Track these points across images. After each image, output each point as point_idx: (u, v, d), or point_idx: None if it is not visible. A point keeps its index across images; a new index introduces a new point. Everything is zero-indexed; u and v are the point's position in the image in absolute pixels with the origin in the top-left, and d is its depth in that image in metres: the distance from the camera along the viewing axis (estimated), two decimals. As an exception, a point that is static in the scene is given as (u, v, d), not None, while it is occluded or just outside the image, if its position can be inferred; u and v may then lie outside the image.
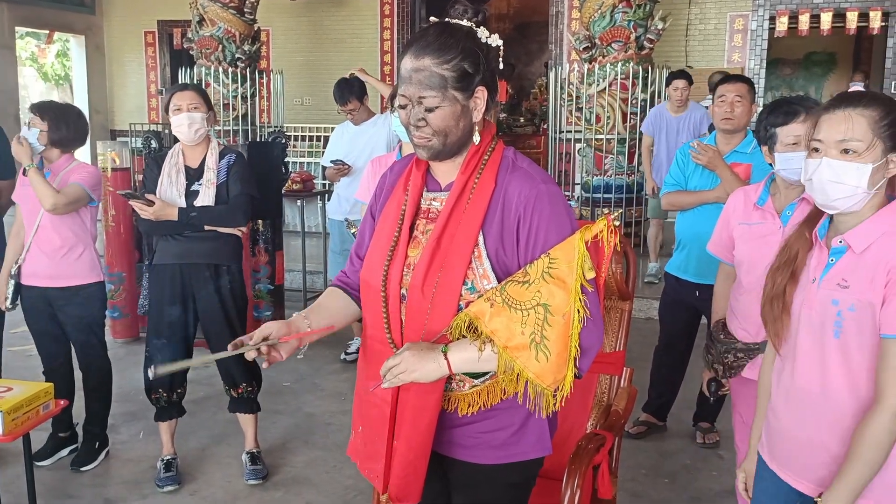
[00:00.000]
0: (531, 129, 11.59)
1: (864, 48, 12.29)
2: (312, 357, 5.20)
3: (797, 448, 1.76)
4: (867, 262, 1.61)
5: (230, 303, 3.33)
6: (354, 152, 4.93)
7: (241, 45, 9.05)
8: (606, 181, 7.60)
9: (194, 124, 3.20)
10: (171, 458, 3.47)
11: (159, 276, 3.30)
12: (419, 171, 1.73)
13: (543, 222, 1.59)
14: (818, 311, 1.67)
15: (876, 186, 1.62)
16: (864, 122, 1.60)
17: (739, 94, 3.46)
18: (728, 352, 2.58)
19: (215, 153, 3.28)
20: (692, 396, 3.93)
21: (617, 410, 2.43)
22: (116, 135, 12.62)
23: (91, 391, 3.61)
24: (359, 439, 1.80)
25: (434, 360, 1.57)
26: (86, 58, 12.91)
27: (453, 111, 1.60)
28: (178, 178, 3.24)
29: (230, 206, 3.24)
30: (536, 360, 1.52)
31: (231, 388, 3.44)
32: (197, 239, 3.25)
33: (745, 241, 2.58)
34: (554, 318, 1.52)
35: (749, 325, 2.53)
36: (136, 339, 5.54)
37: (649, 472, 3.54)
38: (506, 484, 1.77)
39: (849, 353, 1.63)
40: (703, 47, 9.80)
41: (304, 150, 10.58)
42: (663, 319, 3.92)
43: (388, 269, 1.68)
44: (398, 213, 1.72)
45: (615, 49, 7.43)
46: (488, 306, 1.55)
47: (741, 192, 2.69)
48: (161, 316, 3.30)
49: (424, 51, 1.58)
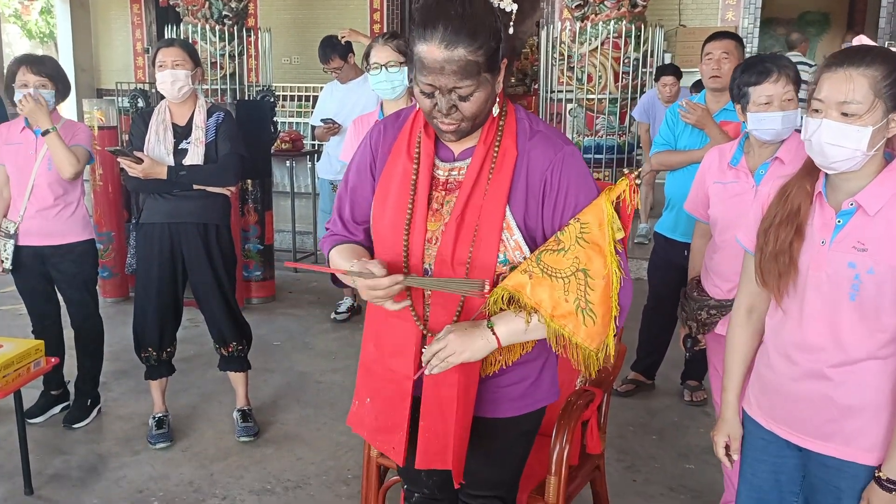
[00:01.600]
0: (522, 89, 11.51)
1: (858, 8, 12.20)
2: (303, 316, 5.22)
3: (797, 403, 1.72)
4: (883, 224, 1.58)
5: (219, 262, 3.32)
6: (344, 111, 4.89)
7: (228, 2, 8.90)
8: (597, 142, 7.56)
9: (177, 82, 3.15)
10: (163, 416, 3.48)
11: (147, 235, 3.27)
12: (429, 138, 1.65)
13: (573, 186, 1.59)
14: (830, 273, 1.63)
15: (875, 147, 1.58)
16: (865, 82, 1.54)
17: (726, 50, 3.44)
18: (701, 308, 2.63)
19: (203, 111, 3.24)
20: (680, 355, 3.95)
21: (605, 367, 2.45)
22: (103, 93, 12.47)
23: (83, 349, 3.61)
24: (365, 410, 1.77)
25: (481, 336, 1.57)
26: (70, 15, 12.71)
27: (485, 94, 1.53)
28: (165, 135, 3.20)
29: (220, 166, 3.21)
30: (584, 324, 1.54)
31: (221, 346, 3.44)
32: (185, 198, 3.21)
33: (720, 200, 2.60)
34: (594, 281, 1.53)
35: (722, 283, 2.58)
36: (126, 298, 5.53)
37: (637, 430, 3.59)
38: (520, 432, 1.82)
39: (866, 314, 1.61)
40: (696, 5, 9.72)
41: (293, 110, 10.48)
42: (652, 279, 3.93)
43: (408, 243, 1.64)
44: (407, 182, 1.65)
45: (608, 7, 7.34)
46: (527, 278, 1.54)
47: (716, 151, 2.71)
48: (149, 275, 3.28)
49: (457, 39, 1.45)
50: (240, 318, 3.46)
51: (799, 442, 1.74)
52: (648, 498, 3.03)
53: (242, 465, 3.24)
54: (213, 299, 3.35)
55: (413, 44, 1.51)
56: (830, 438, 1.68)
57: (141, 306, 3.34)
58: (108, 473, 3.17)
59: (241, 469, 3.21)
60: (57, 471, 3.18)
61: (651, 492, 3.07)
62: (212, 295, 3.33)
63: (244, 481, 3.12)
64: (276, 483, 3.11)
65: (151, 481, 3.11)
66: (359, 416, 1.80)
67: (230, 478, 3.14)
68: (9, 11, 17.11)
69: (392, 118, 1.76)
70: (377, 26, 11.17)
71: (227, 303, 3.37)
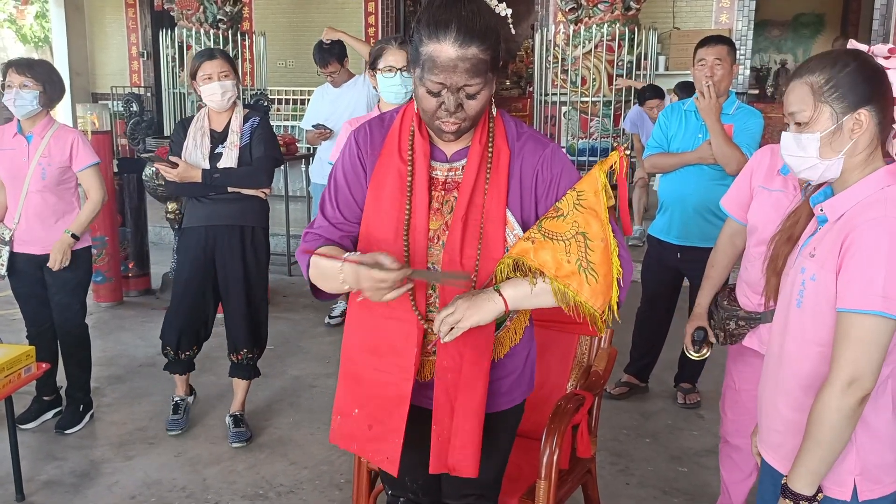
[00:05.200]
0: (517, 91, 11.53)
1: (852, 9, 12.23)
2: (297, 320, 5.22)
3: (762, 414, 1.72)
4: (834, 233, 1.53)
5: (252, 264, 3.40)
6: (335, 115, 4.90)
7: (223, 6, 8.92)
8: (592, 144, 7.58)
9: (227, 92, 3.26)
10: (180, 400, 3.61)
11: (187, 239, 3.40)
12: (424, 139, 1.68)
13: (564, 177, 1.68)
14: (791, 278, 1.63)
15: (840, 153, 1.53)
16: (806, 89, 1.54)
17: (719, 56, 3.44)
18: (730, 318, 2.53)
19: (240, 116, 3.34)
20: (673, 358, 3.97)
21: (597, 371, 2.45)
22: (98, 97, 12.47)
23: (70, 357, 3.59)
24: (352, 422, 1.77)
25: (489, 299, 1.60)
26: (65, 19, 12.67)
27: (488, 93, 1.59)
28: (202, 140, 3.31)
29: (253, 168, 3.30)
30: (587, 283, 1.58)
31: (232, 352, 3.49)
32: (223, 201, 3.31)
33: (760, 207, 2.45)
34: (593, 242, 1.59)
35: (753, 295, 2.47)
36: (120, 303, 5.53)
37: (631, 433, 3.59)
38: (505, 427, 1.85)
39: (805, 323, 1.58)
40: (690, 8, 9.73)
41: (288, 114, 10.48)
42: (645, 281, 3.94)
43: (408, 243, 1.66)
44: (403, 183, 1.67)
45: (601, 10, 7.36)
46: (530, 244, 1.60)
47: (768, 150, 2.49)
48: (187, 280, 3.39)
49: (470, 38, 1.50)
50: (259, 325, 3.49)
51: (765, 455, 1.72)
52: (641, 501, 3.03)
53: (235, 471, 3.23)
54: (236, 302, 3.41)
55: (420, 44, 1.55)
56: (777, 451, 1.67)
57: (172, 308, 3.46)
58: (101, 479, 3.16)
59: (234, 474, 3.20)
60: (49, 477, 3.17)
61: (644, 495, 3.07)
62: (236, 298, 3.39)
63: (237, 486, 3.11)
64: (269, 488, 3.10)
65: (144, 487, 3.10)
66: (344, 430, 1.79)
67: (223, 483, 3.14)
68: (3, 16, 17.09)
69: (376, 121, 1.76)
70: (372, 30, 11.18)
71: (250, 308, 3.42)
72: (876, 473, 1.57)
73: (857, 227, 1.47)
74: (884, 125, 1.55)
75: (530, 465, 2.21)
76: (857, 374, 1.46)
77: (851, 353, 1.46)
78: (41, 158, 3.32)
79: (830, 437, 1.49)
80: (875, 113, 1.52)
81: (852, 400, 1.46)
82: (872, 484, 1.57)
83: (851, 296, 1.46)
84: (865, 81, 1.52)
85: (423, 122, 1.65)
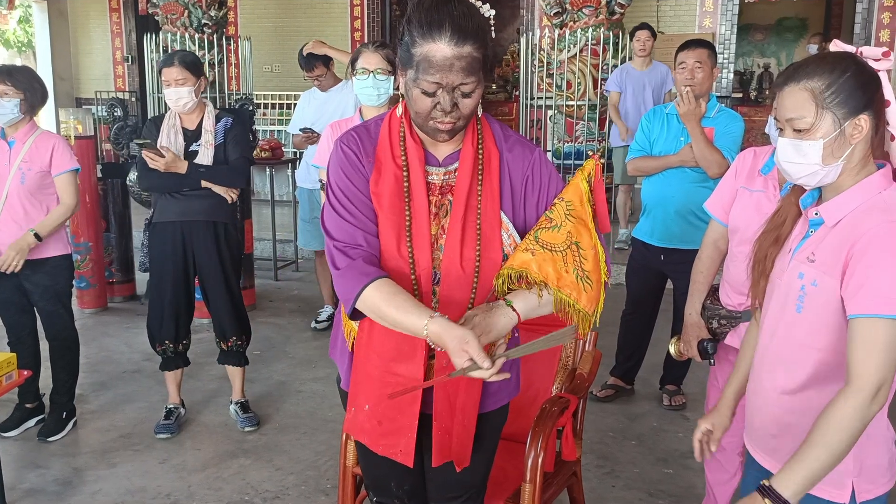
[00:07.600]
0: (503, 95, 11.53)
1: (834, 13, 12.34)
2: (283, 325, 5.20)
3: (754, 416, 1.72)
4: (835, 238, 1.52)
5: (227, 257, 3.51)
6: (323, 118, 4.87)
7: (208, 11, 8.89)
8: (577, 147, 7.61)
9: (181, 98, 3.34)
10: (174, 408, 3.66)
11: (160, 234, 3.45)
12: (416, 144, 1.68)
13: (553, 181, 1.73)
14: (786, 282, 1.61)
15: (840, 158, 1.52)
16: (806, 96, 1.51)
17: (699, 59, 3.46)
18: (713, 318, 2.57)
19: (212, 116, 3.45)
20: (659, 360, 3.98)
21: (581, 374, 2.46)
22: (82, 102, 12.37)
23: (58, 361, 3.57)
24: (364, 417, 1.76)
25: (503, 314, 1.62)
26: (49, 24, 12.58)
27: (480, 93, 1.61)
28: (176, 138, 3.40)
29: (232, 168, 3.42)
30: (584, 291, 1.64)
31: (221, 340, 3.61)
32: (196, 197, 3.40)
33: (742, 208, 2.47)
34: (585, 251, 1.65)
35: (735, 295, 2.50)
36: (104, 308, 5.50)
37: (617, 435, 3.60)
38: (491, 428, 1.86)
39: (807, 328, 1.56)
40: (674, 12, 9.76)
41: (274, 118, 10.45)
42: (630, 284, 3.95)
43: (412, 249, 1.66)
44: (400, 188, 1.66)
45: (586, 14, 7.40)
46: (529, 255, 1.63)
47: (751, 152, 2.54)
48: (163, 271, 3.46)
49: (465, 36, 1.52)
50: (242, 314, 3.63)
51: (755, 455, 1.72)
52: (627, 503, 3.04)
53: (221, 477, 3.22)
54: (218, 294, 3.53)
55: (413, 45, 1.56)
56: (765, 449, 1.67)
57: (157, 302, 3.50)
58: (84, 487, 3.14)
59: (220, 480, 3.19)
60: (32, 485, 3.15)
61: (630, 497, 3.07)
62: (218, 290, 3.51)
63: (223, 493, 3.10)
64: (254, 494, 3.09)
65: (128, 494, 3.08)
66: (357, 423, 1.78)
67: (208, 489, 3.12)
68: (-14, 21, 16.97)
69: (361, 129, 1.74)
70: (358, 34, 11.17)
71: (232, 298, 3.56)
72: (872, 475, 1.58)
73: (867, 234, 1.46)
74: (877, 128, 1.54)
75: (515, 468, 2.21)
76: (885, 380, 1.43)
77: (877, 359, 1.42)
78: (21, 163, 3.30)
79: (846, 446, 1.44)
80: (872, 117, 1.52)
81: (877, 407, 1.44)
82: (869, 485, 1.58)
83: (872, 301, 1.43)
84: (864, 86, 1.51)
85: (416, 124, 1.65)
